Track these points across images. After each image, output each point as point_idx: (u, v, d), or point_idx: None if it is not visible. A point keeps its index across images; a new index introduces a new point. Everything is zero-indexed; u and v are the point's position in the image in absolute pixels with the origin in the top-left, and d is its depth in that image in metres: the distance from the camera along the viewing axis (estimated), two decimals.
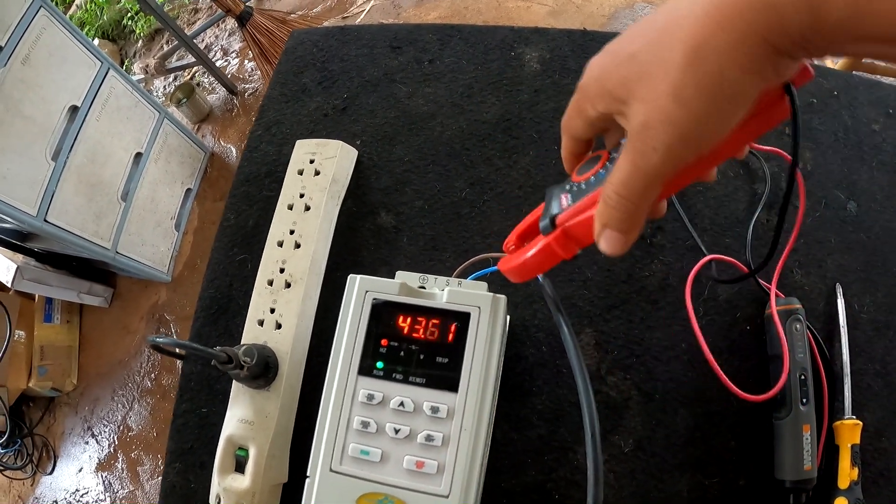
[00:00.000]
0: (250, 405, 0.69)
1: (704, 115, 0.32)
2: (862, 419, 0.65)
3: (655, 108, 0.32)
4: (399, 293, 0.49)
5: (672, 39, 0.32)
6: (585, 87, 0.39)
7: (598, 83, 0.37)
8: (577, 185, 0.42)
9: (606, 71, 0.36)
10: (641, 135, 0.33)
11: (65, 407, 2.40)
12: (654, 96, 0.32)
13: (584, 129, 0.41)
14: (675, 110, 0.32)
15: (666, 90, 0.32)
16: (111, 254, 2.04)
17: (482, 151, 0.83)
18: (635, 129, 0.34)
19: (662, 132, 0.32)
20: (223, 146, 2.59)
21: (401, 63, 0.91)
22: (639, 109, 0.33)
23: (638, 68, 0.33)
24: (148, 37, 3.11)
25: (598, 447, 0.41)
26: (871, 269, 0.73)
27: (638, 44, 0.34)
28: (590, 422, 0.42)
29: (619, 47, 0.36)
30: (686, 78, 0.31)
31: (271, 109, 0.91)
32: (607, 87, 0.36)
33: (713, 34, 0.30)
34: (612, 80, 0.35)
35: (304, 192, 0.78)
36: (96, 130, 1.93)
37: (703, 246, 0.73)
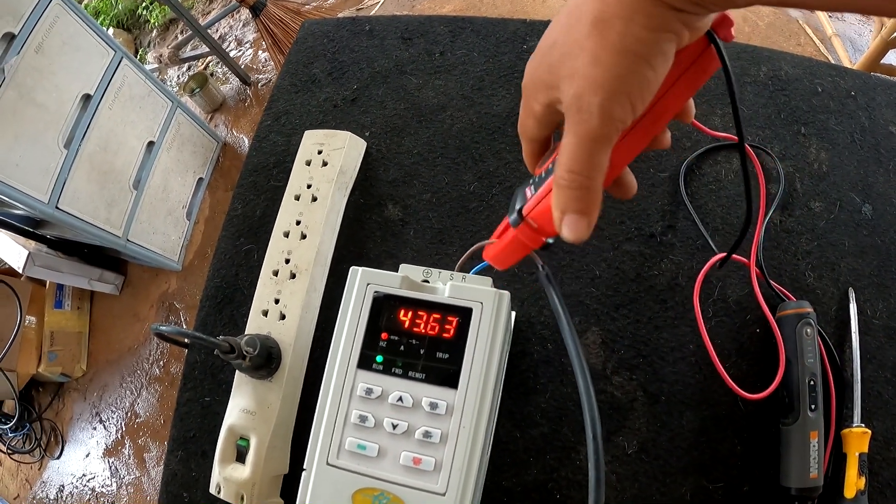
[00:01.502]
0: (252, 395, 0.69)
1: (625, 72, 0.33)
2: (871, 427, 0.63)
3: (580, 78, 0.34)
4: (401, 286, 0.48)
5: (580, 20, 0.34)
6: (525, 87, 0.40)
7: (532, 78, 0.39)
8: (539, 177, 0.43)
9: (536, 65, 0.39)
10: (574, 105, 0.35)
11: (73, 392, 2.41)
12: (576, 70, 0.34)
13: (535, 127, 0.42)
14: (596, 73, 0.33)
15: (585, 60, 0.34)
16: (122, 241, 2.05)
17: (492, 145, 0.82)
18: (568, 103, 0.35)
19: (591, 94, 0.34)
20: (236, 136, 2.59)
21: (411, 55, 0.90)
22: (568, 86, 0.35)
23: (559, 52, 0.36)
24: (162, 26, 3.12)
25: (600, 449, 0.40)
26: (885, 275, 0.71)
27: (555, 33, 0.37)
28: (591, 423, 0.41)
29: (542, 42, 0.38)
30: (597, 44, 0.33)
31: (281, 99, 0.91)
32: (540, 79, 0.38)
33: (613, 2, 0.33)
34: (541, 71, 0.38)
35: (311, 183, 0.77)
36: (109, 119, 1.93)
37: (714, 245, 0.72)
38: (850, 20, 2.35)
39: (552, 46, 0.37)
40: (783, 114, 0.79)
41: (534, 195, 0.43)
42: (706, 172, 0.77)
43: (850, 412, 0.65)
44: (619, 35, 0.33)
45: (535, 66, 0.39)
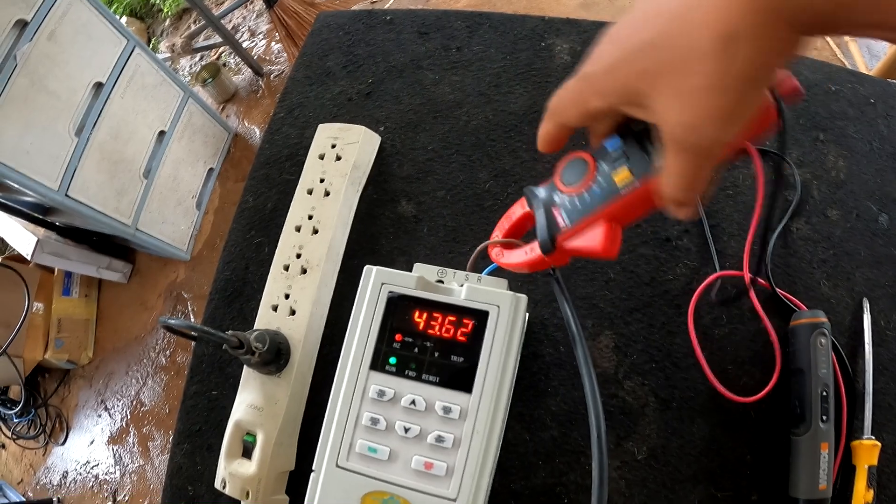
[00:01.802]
0: (260, 391, 0.69)
1: (748, 103, 0.31)
2: (881, 440, 0.62)
3: (698, 106, 0.31)
4: (416, 287, 0.47)
5: (695, 25, 0.30)
6: (592, 77, 0.36)
7: (609, 75, 0.35)
8: (571, 200, 0.43)
9: (619, 62, 0.34)
10: (685, 133, 0.32)
11: (79, 380, 2.42)
12: (690, 93, 0.31)
13: (579, 119, 0.39)
14: (720, 104, 0.30)
15: (703, 83, 0.30)
16: (131, 230, 2.05)
17: (508, 143, 0.81)
18: (676, 128, 0.32)
19: (710, 125, 0.31)
20: (247, 127, 2.59)
21: (428, 49, 0.90)
22: (672, 106, 0.32)
23: (659, 58, 0.32)
24: (175, 16, 3.13)
25: (604, 448, 0.40)
26: None
27: (652, 30, 0.32)
28: (595, 422, 0.41)
29: (628, 34, 0.34)
30: (723, 67, 0.29)
31: (294, 92, 0.90)
32: (622, 80, 0.34)
33: (742, 17, 0.28)
34: (627, 73, 0.34)
35: (324, 177, 0.77)
36: (120, 107, 1.94)
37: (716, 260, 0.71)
38: None
39: (649, 47, 0.32)
40: (802, 119, 0.78)
41: (572, 225, 0.42)
42: (724, 177, 0.76)
43: (860, 424, 0.64)
44: (747, 60, 0.29)
45: (617, 63, 0.34)
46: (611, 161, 0.41)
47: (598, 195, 0.41)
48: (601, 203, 0.41)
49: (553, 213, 0.43)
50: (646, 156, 0.39)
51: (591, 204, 0.41)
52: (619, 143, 0.41)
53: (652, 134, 0.38)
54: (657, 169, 0.37)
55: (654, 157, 0.38)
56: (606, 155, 0.41)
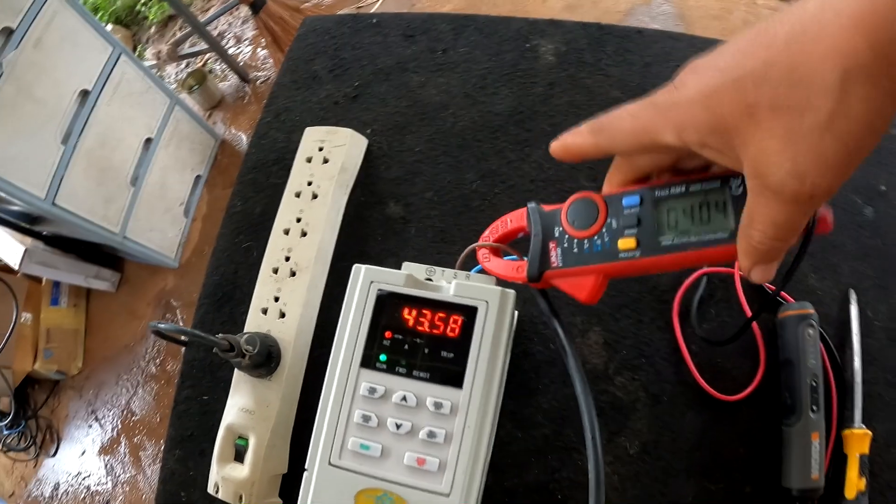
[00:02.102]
0: (251, 394, 0.69)
1: (862, 154, 0.27)
2: (871, 429, 0.63)
3: (809, 147, 0.27)
4: (405, 285, 0.47)
5: (817, 57, 0.26)
6: (672, 107, 0.32)
7: (698, 107, 0.31)
8: (570, 242, 0.43)
9: (718, 93, 0.30)
10: (795, 181, 0.28)
11: (69, 390, 2.41)
12: (803, 130, 0.27)
13: (632, 148, 0.37)
14: (834, 148, 0.27)
15: (820, 123, 0.27)
16: (119, 238, 2.04)
17: (494, 144, 0.81)
18: (781, 174, 0.29)
19: (821, 176, 0.28)
20: (234, 133, 2.58)
21: (414, 52, 0.90)
22: (778, 148, 0.28)
23: (771, 92, 0.28)
24: (161, 23, 3.11)
25: (599, 451, 0.40)
26: (887, 277, 0.71)
27: (763, 59, 0.28)
28: (590, 425, 0.41)
29: (731, 63, 0.30)
30: (842, 108, 0.26)
31: (281, 96, 0.90)
32: (717, 113, 0.30)
33: (863, 53, 0.25)
34: (727, 105, 0.29)
35: (312, 180, 0.77)
36: (107, 115, 1.93)
37: None
38: None
39: (757, 79, 0.28)
40: None
41: (563, 267, 0.43)
42: None
43: (850, 413, 0.64)
44: (867, 102, 0.26)
45: (713, 93, 0.30)
46: (622, 220, 0.41)
47: (597, 251, 0.41)
48: (598, 260, 0.41)
49: (549, 247, 0.44)
50: (656, 229, 0.39)
51: (588, 258, 0.42)
52: (637, 203, 0.40)
53: (669, 208, 0.39)
54: (665, 248, 0.38)
55: (664, 233, 0.39)
56: (620, 211, 0.41)
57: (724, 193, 0.38)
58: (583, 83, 0.84)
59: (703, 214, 0.38)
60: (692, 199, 0.39)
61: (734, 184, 0.37)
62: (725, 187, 0.38)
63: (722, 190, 0.38)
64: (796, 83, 0.27)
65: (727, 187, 0.38)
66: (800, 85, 0.27)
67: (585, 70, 0.85)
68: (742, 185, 0.37)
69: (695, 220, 0.39)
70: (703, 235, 0.38)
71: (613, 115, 0.36)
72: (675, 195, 0.39)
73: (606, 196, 0.42)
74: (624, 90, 0.82)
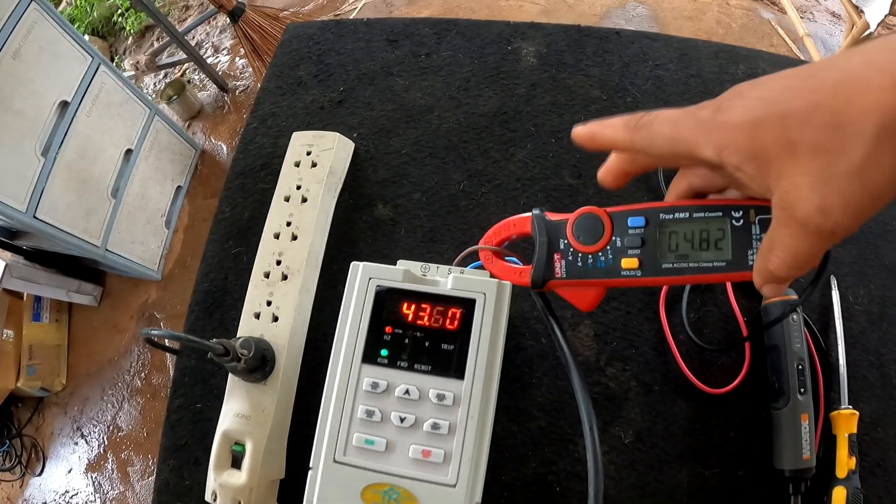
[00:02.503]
0: (247, 399, 0.69)
1: (879, 201, 0.30)
2: (858, 409, 0.65)
3: (839, 189, 0.29)
4: (403, 280, 0.48)
5: (858, 110, 0.28)
6: (718, 126, 0.33)
7: (744, 132, 0.32)
8: (574, 256, 0.44)
9: (765, 123, 0.31)
10: (820, 217, 0.30)
11: (54, 407, 2.37)
12: (836, 173, 0.29)
13: (667, 156, 0.37)
14: (861, 193, 0.29)
15: (852, 169, 0.29)
16: (101, 251, 2.02)
17: (480, 144, 0.82)
18: (809, 208, 0.31)
19: (844, 216, 0.30)
20: (214, 143, 2.57)
21: (397, 56, 0.91)
22: (810, 185, 0.30)
23: (814, 134, 0.29)
24: (138, 33, 3.09)
25: (596, 441, 0.41)
26: (865, 262, 0.73)
27: (811, 102, 0.30)
28: (587, 416, 0.42)
29: (781, 97, 0.31)
30: (875, 159, 0.28)
31: (267, 102, 0.91)
32: (760, 143, 0.31)
33: (894, 111, 0.27)
34: (771, 138, 0.31)
35: (300, 184, 0.77)
36: (86, 126, 1.92)
37: None
38: (820, 21, 2.40)
39: (803, 119, 0.30)
40: None
41: (567, 279, 0.44)
42: None
43: (837, 395, 0.66)
44: (895, 159, 0.28)
45: (760, 122, 0.31)
46: (626, 240, 0.42)
47: (600, 267, 0.43)
48: (601, 275, 0.43)
49: (553, 258, 0.45)
50: (658, 252, 0.41)
51: (592, 272, 0.43)
52: (642, 224, 0.42)
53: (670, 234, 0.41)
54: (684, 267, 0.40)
55: (665, 255, 0.41)
56: (625, 230, 0.43)
57: (725, 223, 0.40)
58: (564, 83, 0.85)
59: (703, 241, 0.40)
60: (694, 225, 0.41)
61: (735, 215, 0.39)
62: (727, 218, 0.40)
63: (724, 220, 0.40)
64: (836, 129, 0.29)
65: (728, 218, 0.40)
66: (839, 131, 0.29)
67: (566, 71, 0.86)
68: (743, 218, 0.39)
69: (695, 246, 0.41)
70: (701, 262, 0.40)
71: (654, 118, 0.37)
72: (679, 220, 0.41)
73: (612, 213, 0.44)
74: (604, 89, 0.84)
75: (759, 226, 0.39)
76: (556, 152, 0.81)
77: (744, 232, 0.39)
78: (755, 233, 0.39)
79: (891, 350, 0.70)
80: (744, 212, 0.39)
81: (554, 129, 0.82)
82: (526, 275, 0.45)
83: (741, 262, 0.39)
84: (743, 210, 0.39)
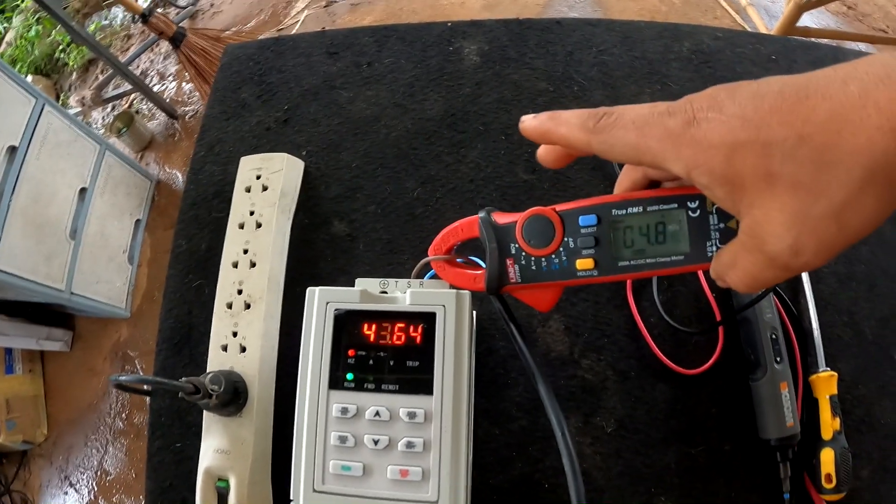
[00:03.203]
0: (224, 434, 0.68)
1: (853, 239, 0.29)
2: (836, 370, 0.66)
3: (813, 231, 0.29)
4: (361, 300, 0.47)
5: (845, 148, 0.27)
6: (695, 146, 0.31)
7: (724, 159, 0.30)
8: (527, 260, 0.43)
9: (744, 149, 0.29)
10: (788, 255, 0.30)
11: (39, 459, 2.32)
12: (814, 215, 0.28)
13: (629, 161, 0.35)
14: (834, 237, 0.29)
15: (831, 212, 0.28)
16: (66, 295, 1.98)
17: (430, 149, 0.82)
18: (778, 246, 0.30)
19: (814, 256, 0.29)
20: (169, 172, 2.54)
21: (339, 69, 0.90)
22: (785, 222, 0.29)
23: (797, 170, 0.28)
24: (82, 68, 3.04)
25: (570, 446, 0.41)
26: None
27: (797, 134, 0.28)
28: (557, 422, 0.42)
29: (762, 121, 0.29)
30: (853, 201, 0.27)
31: (212, 128, 0.89)
32: (736, 170, 0.30)
33: (892, 155, 0.26)
34: (749, 167, 0.29)
35: (253, 210, 0.76)
36: (37, 169, 1.87)
37: None
38: None
39: (787, 152, 0.28)
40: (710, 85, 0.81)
41: (522, 283, 0.44)
42: None
43: (814, 359, 0.67)
44: (876, 204, 0.27)
45: (740, 147, 0.29)
46: (579, 240, 0.42)
47: (555, 270, 0.42)
48: (557, 277, 0.42)
49: (506, 264, 0.44)
50: (614, 250, 0.40)
51: (547, 275, 0.43)
52: (594, 222, 0.41)
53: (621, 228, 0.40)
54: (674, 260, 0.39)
55: (621, 253, 0.40)
56: (577, 230, 0.42)
57: (681, 215, 0.39)
58: (509, 78, 0.85)
59: (659, 235, 0.39)
60: (649, 218, 0.40)
61: (691, 206, 0.38)
62: (683, 209, 0.39)
63: (679, 211, 0.39)
64: (822, 167, 0.27)
65: (684, 209, 0.39)
66: (825, 170, 0.27)
67: (511, 66, 0.86)
68: (699, 208, 0.38)
69: (651, 241, 0.40)
70: (659, 257, 0.39)
71: (615, 120, 0.34)
72: (633, 214, 0.40)
73: (561, 212, 0.42)
74: (550, 81, 0.84)
75: (717, 215, 0.38)
76: (508, 149, 0.80)
77: (701, 223, 0.38)
78: (713, 223, 0.38)
79: (862, 307, 0.71)
80: (700, 202, 0.38)
81: (503, 127, 0.82)
82: (481, 280, 0.45)
83: (699, 254, 0.38)
84: (699, 200, 0.38)
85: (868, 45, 2.04)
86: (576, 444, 0.64)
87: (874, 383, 0.68)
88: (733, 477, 0.65)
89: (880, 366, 0.69)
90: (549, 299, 0.44)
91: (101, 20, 3.21)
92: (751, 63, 0.82)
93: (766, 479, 0.65)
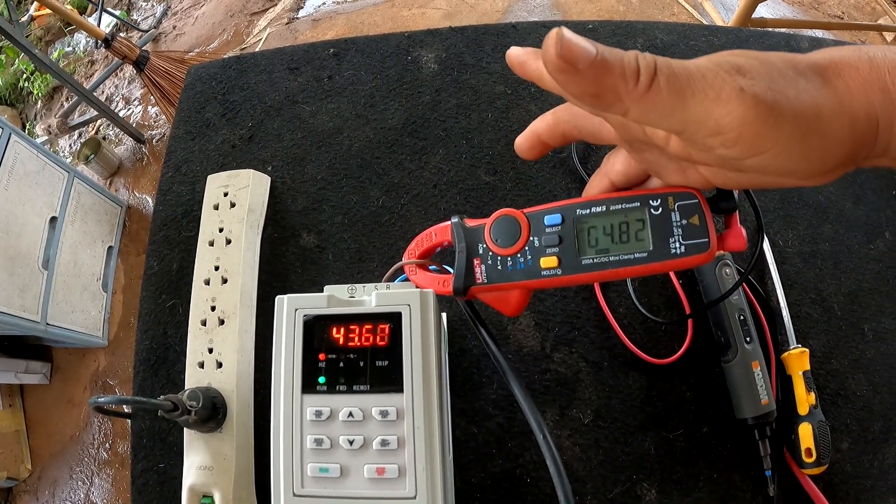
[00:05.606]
0: (206, 450, 0.68)
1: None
2: (808, 346, 0.68)
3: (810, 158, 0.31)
4: (328, 305, 0.48)
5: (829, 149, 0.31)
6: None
7: None
8: (493, 259, 0.44)
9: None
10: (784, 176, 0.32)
11: (24, 495, 2.29)
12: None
13: (624, 134, 0.37)
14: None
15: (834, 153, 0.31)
16: (42, 326, 1.96)
17: (392, 157, 0.83)
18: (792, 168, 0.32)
19: (808, 178, 0.32)
20: (138, 197, 2.52)
21: (301, 84, 0.91)
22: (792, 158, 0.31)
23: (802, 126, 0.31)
24: (47, 96, 3.02)
25: (553, 448, 0.42)
26: (788, 206, 0.76)
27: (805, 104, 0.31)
28: (537, 425, 0.43)
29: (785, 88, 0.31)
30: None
31: (178, 149, 0.90)
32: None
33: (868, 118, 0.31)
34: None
35: (222, 227, 0.77)
36: (7, 200, 1.86)
37: None
38: None
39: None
40: None
41: (488, 283, 0.45)
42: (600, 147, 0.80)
43: (785, 337, 0.69)
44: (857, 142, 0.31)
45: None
46: (543, 239, 0.43)
47: (520, 269, 0.43)
48: (521, 277, 0.43)
49: (473, 264, 0.45)
50: (577, 248, 0.41)
51: (512, 275, 0.43)
52: (559, 222, 0.42)
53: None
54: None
55: (585, 251, 0.41)
56: (542, 229, 0.43)
57: (644, 213, 0.40)
58: (468, 84, 0.86)
59: (622, 234, 0.40)
60: (612, 217, 0.41)
61: (653, 204, 0.39)
62: (645, 208, 0.40)
63: (641, 209, 0.40)
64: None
65: (646, 207, 0.40)
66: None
67: (468, 71, 0.87)
68: (661, 206, 0.39)
69: (614, 240, 0.40)
70: (622, 255, 0.40)
71: (690, 80, 0.31)
72: (596, 214, 0.41)
73: (529, 213, 0.44)
74: (507, 84, 0.86)
75: (679, 212, 0.39)
76: (469, 153, 0.82)
77: (663, 220, 0.39)
78: (675, 220, 0.39)
79: (829, 284, 0.73)
80: (662, 200, 0.39)
81: (463, 131, 0.83)
82: (449, 283, 0.46)
83: (663, 251, 0.39)
84: (661, 198, 0.39)
85: (824, 32, 2.08)
86: (555, 438, 0.66)
87: (846, 357, 0.71)
88: (714, 458, 0.67)
89: (851, 340, 0.71)
90: (514, 302, 0.44)
91: (64, 47, 3.20)
92: (704, 55, 0.84)
93: (747, 458, 0.66)
